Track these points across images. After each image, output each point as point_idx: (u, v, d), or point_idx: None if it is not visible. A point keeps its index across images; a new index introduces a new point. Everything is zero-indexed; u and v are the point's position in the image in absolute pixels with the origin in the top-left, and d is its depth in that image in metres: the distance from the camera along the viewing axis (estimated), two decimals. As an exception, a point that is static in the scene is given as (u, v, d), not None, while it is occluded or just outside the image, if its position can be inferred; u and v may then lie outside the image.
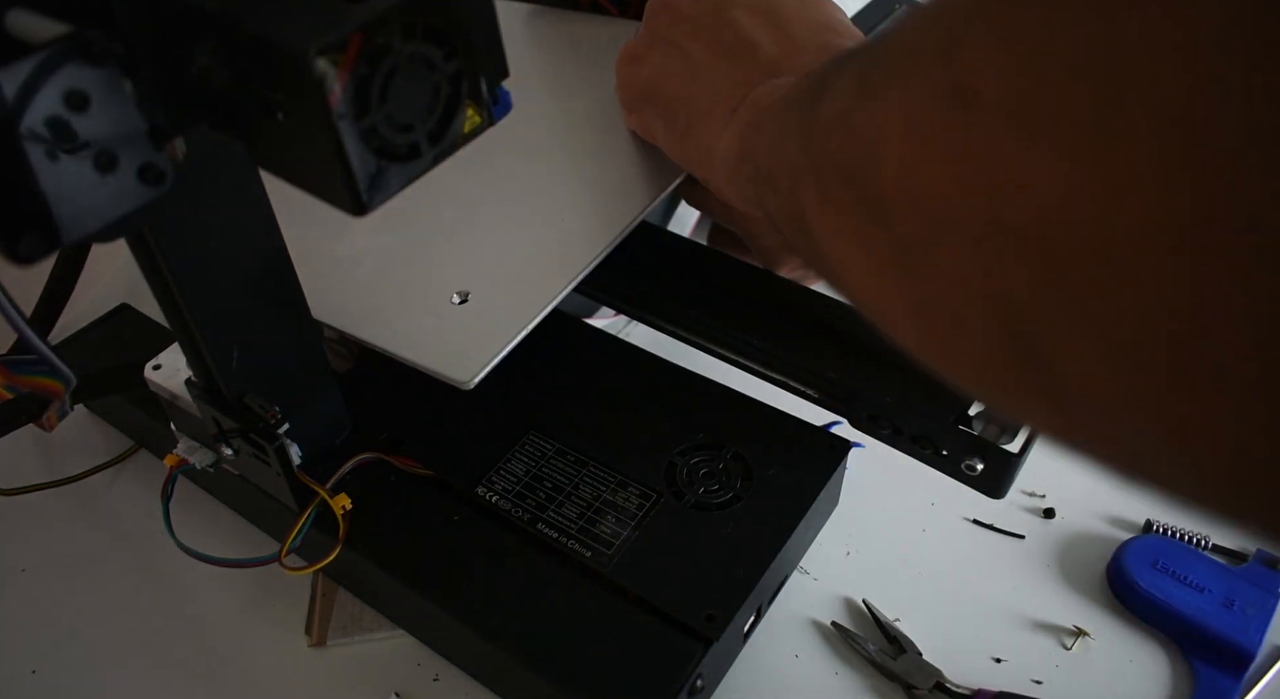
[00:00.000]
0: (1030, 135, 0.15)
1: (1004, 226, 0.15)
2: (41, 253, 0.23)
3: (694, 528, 0.40)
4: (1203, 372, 0.13)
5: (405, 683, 0.42)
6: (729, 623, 0.37)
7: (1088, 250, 0.14)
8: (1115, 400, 0.15)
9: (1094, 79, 0.13)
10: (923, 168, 0.17)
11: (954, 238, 0.17)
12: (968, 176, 0.16)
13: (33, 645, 0.45)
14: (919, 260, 0.18)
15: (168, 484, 0.43)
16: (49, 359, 0.29)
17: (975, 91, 0.16)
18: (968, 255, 0.17)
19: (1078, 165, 0.14)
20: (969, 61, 0.16)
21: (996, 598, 0.45)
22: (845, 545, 0.47)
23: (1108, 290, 0.14)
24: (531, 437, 0.44)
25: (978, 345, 0.18)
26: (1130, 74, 0.13)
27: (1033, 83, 0.14)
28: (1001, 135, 0.15)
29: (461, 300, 0.42)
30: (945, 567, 0.46)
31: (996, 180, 0.15)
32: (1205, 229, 0.12)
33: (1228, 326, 0.12)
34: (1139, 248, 0.13)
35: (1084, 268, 0.14)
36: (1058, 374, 0.16)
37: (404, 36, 0.23)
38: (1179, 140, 0.12)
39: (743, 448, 0.43)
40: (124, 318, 0.54)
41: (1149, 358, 0.14)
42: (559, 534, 0.40)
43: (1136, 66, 0.13)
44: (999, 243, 0.16)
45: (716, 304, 0.45)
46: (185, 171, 0.26)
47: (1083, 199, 0.14)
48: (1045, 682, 0.42)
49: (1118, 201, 0.13)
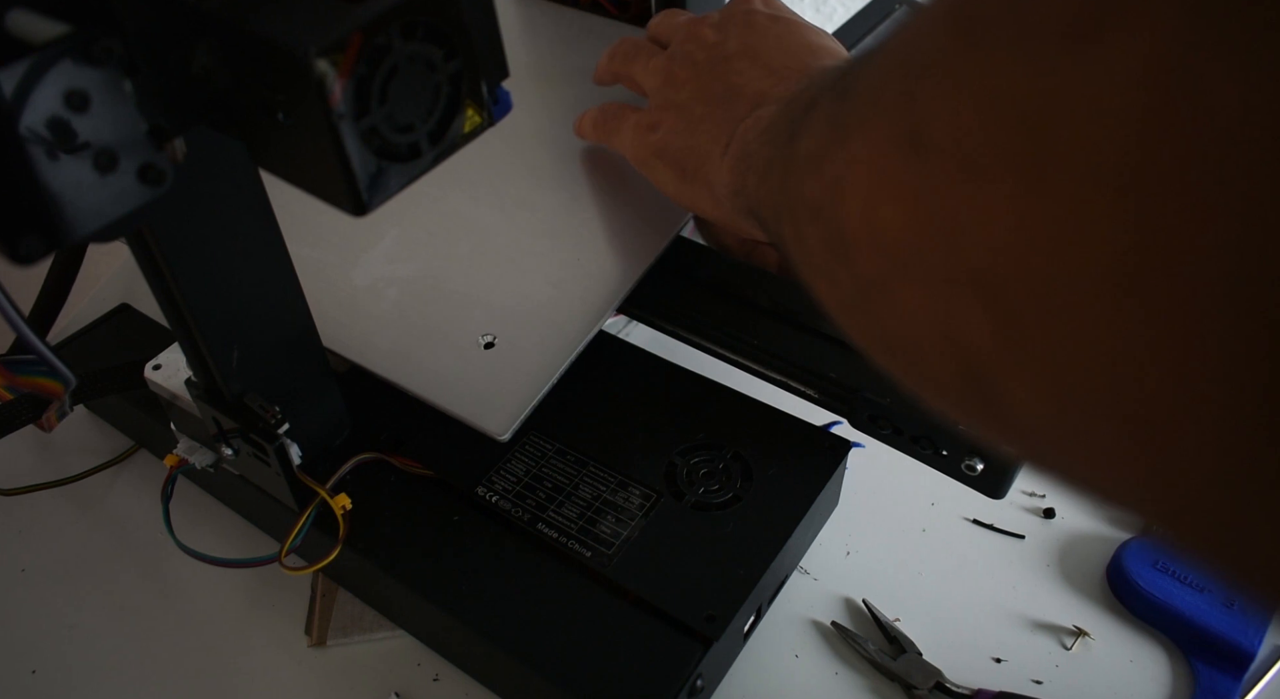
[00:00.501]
0: (980, 182, 0.15)
1: (958, 271, 0.16)
2: (41, 253, 0.23)
3: (694, 528, 0.40)
4: (1142, 415, 0.13)
5: (405, 683, 0.42)
6: (729, 623, 0.37)
7: (1035, 295, 0.14)
8: (1066, 439, 0.15)
9: (1035, 128, 0.14)
10: (882, 210, 0.18)
11: (912, 279, 0.17)
12: (924, 221, 0.17)
13: (33, 645, 0.45)
14: (880, 299, 0.19)
15: (168, 484, 0.43)
16: (48, 359, 0.29)
17: (931, 137, 0.16)
18: (925, 297, 0.17)
19: (1022, 212, 0.14)
20: (925, 108, 0.16)
21: (996, 598, 0.45)
22: (845, 545, 0.47)
23: (1054, 335, 0.14)
24: (531, 436, 0.44)
25: (938, 380, 0.18)
26: (1067, 123, 0.13)
27: (981, 130, 0.15)
28: (955, 181, 0.16)
29: (488, 345, 0.43)
30: (945, 567, 0.46)
31: (950, 225, 0.16)
32: (1136, 276, 0.13)
33: (1160, 372, 0.13)
34: (1079, 293, 0.13)
35: (1032, 313, 0.14)
36: (1013, 412, 0.16)
37: (404, 36, 0.23)
38: (1111, 189, 0.13)
39: (743, 448, 0.43)
40: (124, 318, 0.54)
41: (1093, 401, 0.14)
42: (559, 534, 0.40)
43: (1073, 116, 0.13)
44: (954, 286, 0.16)
45: (716, 304, 0.45)
46: (185, 171, 0.26)
47: (1028, 245, 0.14)
48: (1045, 682, 0.42)
49: (1059, 248, 0.14)
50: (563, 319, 0.43)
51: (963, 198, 0.15)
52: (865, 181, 0.19)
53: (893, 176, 0.17)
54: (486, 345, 0.43)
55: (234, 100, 0.24)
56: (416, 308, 0.45)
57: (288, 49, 0.21)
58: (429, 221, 0.48)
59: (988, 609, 0.44)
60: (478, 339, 0.43)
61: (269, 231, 0.35)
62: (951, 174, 0.16)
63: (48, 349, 0.29)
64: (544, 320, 0.44)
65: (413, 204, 0.49)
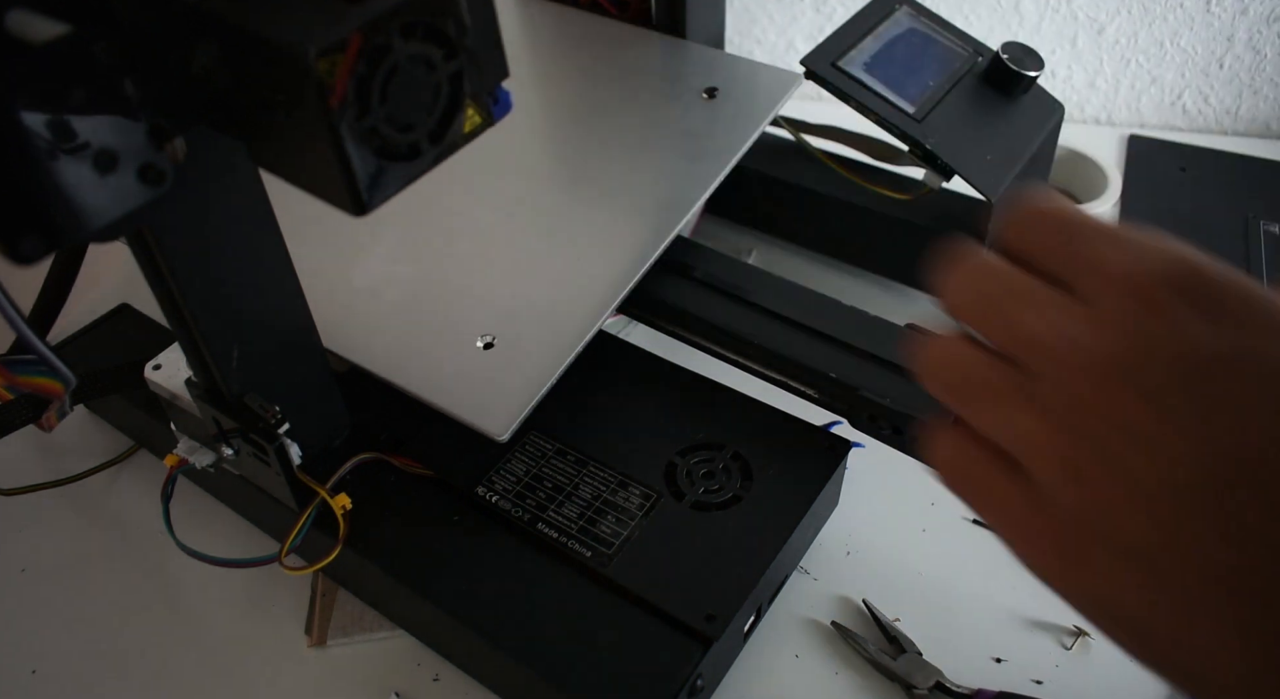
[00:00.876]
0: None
1: None
2: (42, 253, 0.23)
3: (694, 528, 0.40)
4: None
5: (405, 683, 0.42)
6: (729, 623, 0.37)
7: None
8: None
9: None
10: None
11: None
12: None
13: (33, 645, 0.45)
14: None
15: (168, 484, 0.43)
16: (49, 359, 0.29)
17: None
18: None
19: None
20: None
21: (996, 598, 0.45)
22: (845, 545, 0.47)
23: None
24: (532, 436, 0.44)
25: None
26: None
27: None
28: None
29: (487, 345, 0.43)
30: (945, 566, 0.46)
31: None
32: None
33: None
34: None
35: None
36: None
37: (404, 36, 0.23)
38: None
39: (743, 448, 0.43)
40: (124, 318, 0.54)
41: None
42: (559, 534, 0.40)
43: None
44: None
45: (716, 304, 0.45)
46: (185, 171, 0.26)
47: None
48: (1045, 682, 0.42)
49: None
50: (562, 319, 0.43)
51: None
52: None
53: None
54: (486, 346, 0.43)
55: (234, 100, 0.24)
56: (416, 308, 0.45)
57: (288, 49, 0.21)
58: (429, 221, 0.48)
59: (988, 609, 0.44)
60: (477, 339, 0.43)
61: (269, 231, 0.35)
62: None
63: (48, 349, 0.29)
64: (543, 321, 0.43)
65: (412, 204, 0.49)
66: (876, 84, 0.54)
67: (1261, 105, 0.77)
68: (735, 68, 0.55)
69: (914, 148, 0.53)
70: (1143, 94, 0.78)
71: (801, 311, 0.44)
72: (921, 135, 0.52)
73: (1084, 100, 0.80)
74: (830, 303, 0.45)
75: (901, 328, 0.44)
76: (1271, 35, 0.73)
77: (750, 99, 0.52)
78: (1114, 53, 0.77)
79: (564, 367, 0.42)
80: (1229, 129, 0.79)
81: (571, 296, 0.44)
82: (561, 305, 0.44)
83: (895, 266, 0.60)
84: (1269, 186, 0.70)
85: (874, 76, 0.54)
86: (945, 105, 0.54)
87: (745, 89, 0.53)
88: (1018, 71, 0.55)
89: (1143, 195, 0.69)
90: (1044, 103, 0.58)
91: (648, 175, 0.48)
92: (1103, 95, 0.79)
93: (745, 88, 0.53)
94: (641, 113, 0.52)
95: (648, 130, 0.51)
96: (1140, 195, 0.69)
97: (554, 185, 0.49)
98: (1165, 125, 0.80)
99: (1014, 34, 0.77)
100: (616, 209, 0.47)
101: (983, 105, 0.55)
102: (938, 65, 0.56)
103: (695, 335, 0.45)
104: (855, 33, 0.55)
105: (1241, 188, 0.70)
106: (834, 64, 0.54)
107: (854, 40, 0.55)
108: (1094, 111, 0.80)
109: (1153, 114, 0.79)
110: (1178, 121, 0.79)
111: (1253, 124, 0.78)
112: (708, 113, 0.51)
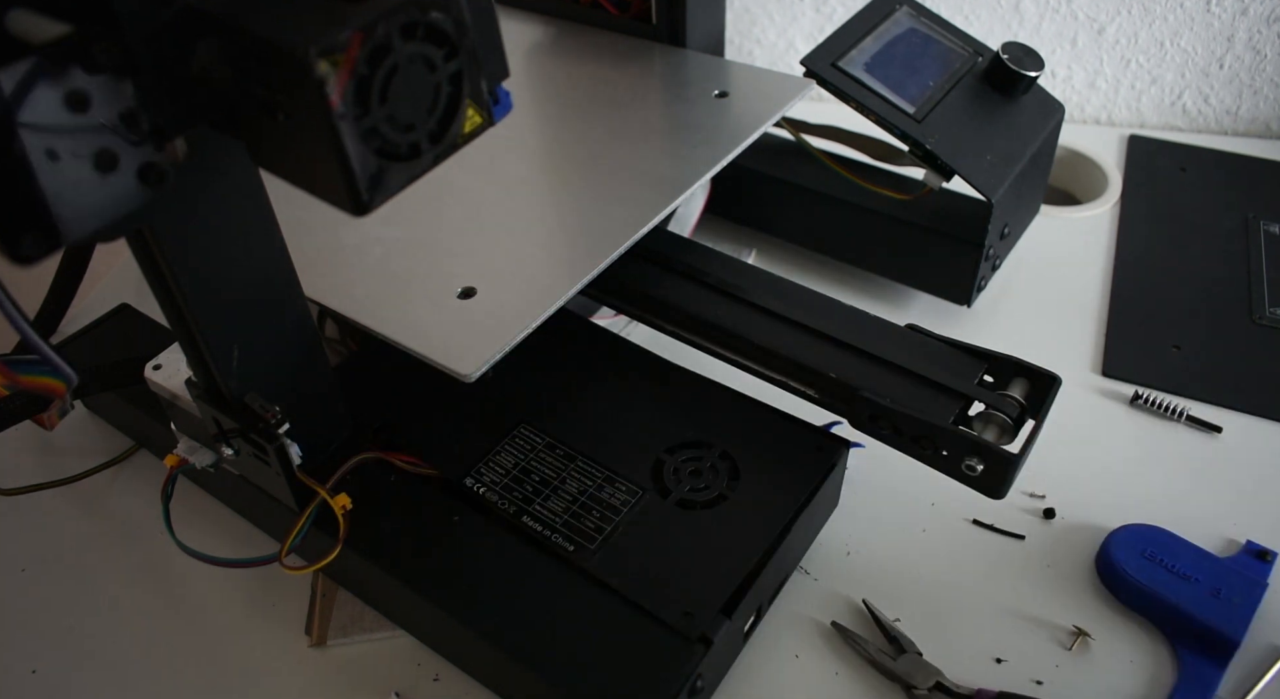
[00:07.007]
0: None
1: None
2: (42, 253, 0.23)
3: (677, 526, 0.40)
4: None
5: (405, 683, 0.42)
6: (711, 624, 0.37)
7: None
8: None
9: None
10: None
11: None
12: None
13: (33, 645, 0.45)
14: None
15: (168, 484, 0.43)
16: (51, 359, 0.29)
17: None
18: None
19: None
20: None
21: (996, 598, 0.45)
22: (845, 545, 0.47)
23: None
24: (522, 429, 0.44)
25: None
26: None
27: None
28: None
29: (466, 295, 0.42)
30: (945, 567, 0.46)
31: None
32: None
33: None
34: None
35: None
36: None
37: (404, 36, 0.23)
38: None
39: (732, 447, 0.43)
40: (124, 318, 0.54)
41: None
42: (543, 528, 0.40)
43: None
44: None
45: (716, 304, 0.45)
46: (185, 171, 0.26)
47: None
48: (1045, 682, 0.42)
49: None
50: (545, 275, 0.43)
51: None
52: None
53: None
54: (464, 294, 0.42)
55: (234, 100, 0.24)
56: (399, 261, 0.45)
57: (288, 49, 0.21)
58: (424, 189, 0.48)
59: (988, 609, 0.44)
60: (456, 290, 0.43)
61: (269, 232, 0.35)
62: None
63: (50, 349, 0.29)
64: (527, 276, 0.43)
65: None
66: (876, 84, 0.54)
67: (1261, 105, 0.77)
68: (748, 74, 0.55)
69: (914, 148, 0.53)
70: (1143, 94, 0.78)
71: (801, 311, 0.44)
72: (921, 135, 0.52)
73: (1084, 100, 0.80)
74: (830, 303, 0.45)
75: (901, 328, 0.44)
76: (1271, 35, 0.73)
77: (761, 99, 0.52)
78: (1114, 53, 0.77)
79: (542, 318, 0.41)
80: (1229, 129, 0.79)
81: (558, 257, 0.44)
82: (546, 264, 0.43)
83: (895, 266, 0.60)
84: (1269, 186, 0.70)
85: (874, 77, 0.54)
86: (945, 105, 0.54)
87: (756, 90, 0.53)
88: (1018, 71, 0.55)
89: (1143, 195, 0.70)
90: (1044, 103, 0.58)
91: (651, 158, 0.48)
92: (1103, 95, 0.79)
93: (756, 90, 0.53)
94: (652, 109, 0.53)
95: (657, 123, 0.51)
96: (1140, 195, 0.70)
97: (557, 167, 0.49)
98: (1165, 125, 0.80)
99: (1014, 34, 0.77)
100: (616, 183, 0.47)
101: (983, 105, 0.55)
102: (938, 65, 0.56)
103: (695, 335, 0.45)
104: (855, 33, 0.56)
105: (1241, 188, 0.70)
106: (834, 64, 0.54)
107: (854, 40, 0.55)
108: (1094, 111, 0.80)
109: (1153, 114, 0.79)
110: (1178, 122, 0.80)
111: (1253, 124, 0.78)
112: (717, 110, 0.52)
